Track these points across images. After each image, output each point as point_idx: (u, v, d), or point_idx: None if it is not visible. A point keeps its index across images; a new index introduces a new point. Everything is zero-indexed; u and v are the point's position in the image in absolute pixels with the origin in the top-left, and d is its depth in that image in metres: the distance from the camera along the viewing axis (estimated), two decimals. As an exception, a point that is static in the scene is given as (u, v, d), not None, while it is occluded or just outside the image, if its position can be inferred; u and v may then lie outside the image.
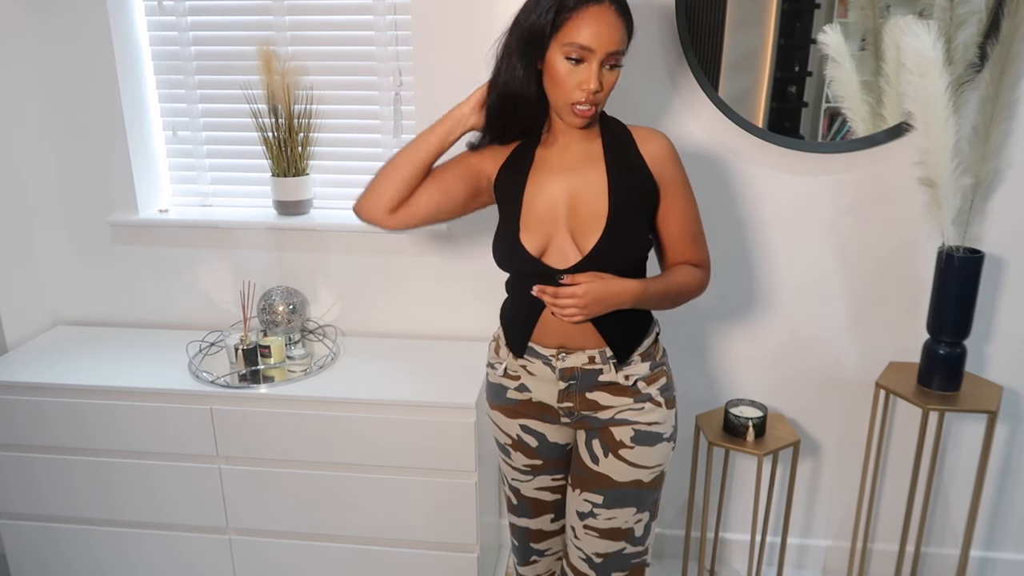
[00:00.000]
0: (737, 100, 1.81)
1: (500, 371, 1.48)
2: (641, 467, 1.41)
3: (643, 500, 1.44)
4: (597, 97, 1.29)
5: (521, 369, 1.44)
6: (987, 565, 2.13)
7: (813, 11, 1.75)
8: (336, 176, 2.12)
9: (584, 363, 1.39)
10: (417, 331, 2.12)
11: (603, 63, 1.27)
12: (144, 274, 2.17)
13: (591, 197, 1.35)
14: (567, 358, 1.39)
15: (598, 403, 1.41)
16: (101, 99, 2.01)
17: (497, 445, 1.58)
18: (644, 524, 1.46)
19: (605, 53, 1.25)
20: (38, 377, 1.88)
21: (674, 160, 1.39)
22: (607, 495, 1.42)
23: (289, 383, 1.85)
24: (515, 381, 1.46)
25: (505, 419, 1.50)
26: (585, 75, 1.26)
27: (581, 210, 1.35)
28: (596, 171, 1.37)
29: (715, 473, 2.06)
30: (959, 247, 1.69)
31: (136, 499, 1.92)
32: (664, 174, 1.38)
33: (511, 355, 1.45)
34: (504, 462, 1.57)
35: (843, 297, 1.95)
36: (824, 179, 1.86)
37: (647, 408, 1.40)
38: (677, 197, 1.39)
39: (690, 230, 1.43)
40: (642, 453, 1.41)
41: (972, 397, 1.75)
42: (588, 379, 1.40)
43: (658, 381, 1.42)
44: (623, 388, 1.40)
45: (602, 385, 1.40)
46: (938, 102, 1.53)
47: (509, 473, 1.57)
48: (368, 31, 1.98)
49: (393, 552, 1.89)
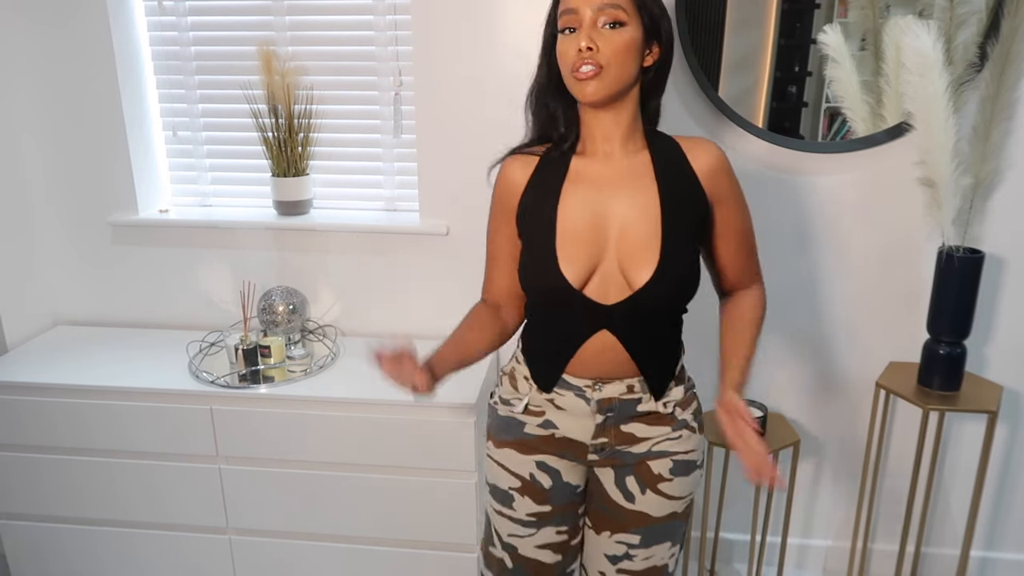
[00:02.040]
0: (737, 100, 1.81)
1: (520, 407, 1.32)
2: (677, 499, 1.32)
3: (677, 532, 1.35)
4: (596, 57, 1.14)
5: (547, 403, 1.30)
6: (987, 565, 2.13)
7: (813, 11, 1.75)
8: (336, 176, 2.12)
9: (622, 392, 1.26)
10: (417, 331, 2.12)
11: (597, 22, 1.15)
12: (144, 274, 2.17)
13: (641, 219, 1.20)
14: (603, 388, 1.26)
15: (634, 436, 1.29)
16: (101, 99, 2.01)
17: (494, 495, 1.38)
18: (676, 558, 1.38)
19: (591, 8, 1.15)
20: (38, 377, 1.88)
21: (728, 172, 1.26)
22: (644, 533, 1.32)
23: (289, 383, 1.85)
24: (538, 417, 1.31)
25: (518, 456, 1.33)
26: (578, 36, 1.16)
27: (630, 235, 1.20)
28: (645, 188, 1.22)
29: (715, 473, 2.06)
30: (959, 247, 1.69)
31: (136, 499, 1.92)
32: (718, 188, 1.25)
33: (535, 388, 1.31)
34: (500, 515, 1.37)
35: (843, 297, 1.95)
36: (824, 179, 1.86)
37: (684, 436, 1.30)
38: (733, 212, 1.27)
39: (747, 246, 1.31)
40: (679, 484, 1.31)
41: (972, 397, 1.75)
42: (626, 410, 1.27)
43: (691, 405, 1.33)
44: (661, 417, 1.29)
45: (639, 415, 1.28)
46: (938, 102, 1.53)
47: (506, 529, 1.37)
48: (368, 31, 1.98)
49: (393, 552, 1.89)
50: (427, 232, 2.01)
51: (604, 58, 1.15)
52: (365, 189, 2.12)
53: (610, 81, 1.17)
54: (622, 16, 1.16)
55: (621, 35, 1.16)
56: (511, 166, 1.30)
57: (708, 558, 2.15)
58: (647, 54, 1.22)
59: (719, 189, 1.25)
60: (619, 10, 1.15)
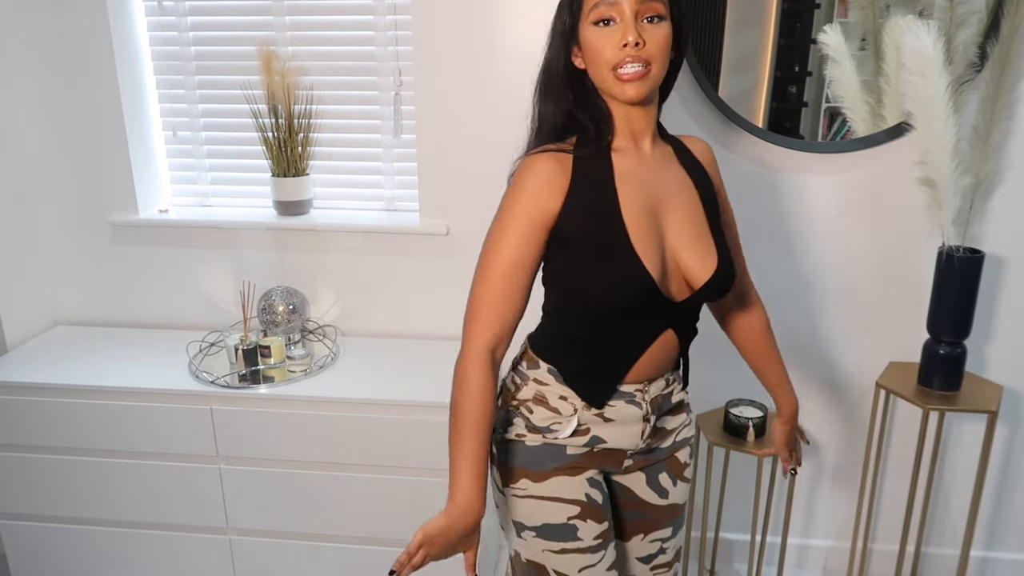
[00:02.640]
0: (737, 100, 1.81)
1: (567, 431, 1.20)
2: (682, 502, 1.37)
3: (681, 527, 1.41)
4: (643, 53, 1.08)
5: (595, 419, 1.20)
6: (987, 565, 2.13)
7: (813, 11, 1.75)
8: (336, 176, 2.12)
9: (663, 388, 1.24)
10: (417, 331, 2.12)
11: (639, 15, 1.09)
12: (144, 274, 2.17)
13: (691, 213, 1.18)
14: (649, 388, 1.21)
15: (665, 429, 1.28)
16: (101, 99, 2.01)
17: (548, 535, 1.21)
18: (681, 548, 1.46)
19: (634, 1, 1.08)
20: (38, 377, 1.88)
21: (717, 163, 1.31)
22: (674, 523, 1.35)
23: (289, 383, 1.85)
24: (583, 436, 1.21)
25: (569, 481, 1.21)
26: (620, 31, 1.08)
27: (685, 230, 1.16)
28: (681, 182, 1.19)
29: (715, 473, 2.06)
30: (959, 247, 1.69)
31: (136, 499, 1.92)
32: (716, 180, 1.28)
33: (582, 407, 1.20)
34: (564, 553, 1.20)
35: (843, 297, 1.95)
36: (824, 179, 1.86)
37: (691, 417, 1.35)
38: (726, 204, 1.31)
39: (737, 237, 1.35)
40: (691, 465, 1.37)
41: (972, 397, 1.75)
42: (665, 404, 1.26)
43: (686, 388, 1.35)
44: (682, 405, 1.31)
45: (672, 408, 1.29)
46: (938, 102, 1.53)
47: (576, 565, 1.20)
48: (368, 31, 1.98)
49: (393, 552, 1.87)
50: (427, 232, 2.01)
51: (649, 54, 1.09)
52: (365, 189, 2.12)
53: (653, 79, 1.11)
54: (662, 9, 1.10)
55: (663, 29, 1.10)
56: (547, 164, 1.13)
57: (708, 558, 2.15)
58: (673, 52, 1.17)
59: (716, 181, 1.29)
60: (661, 3, 1.10)
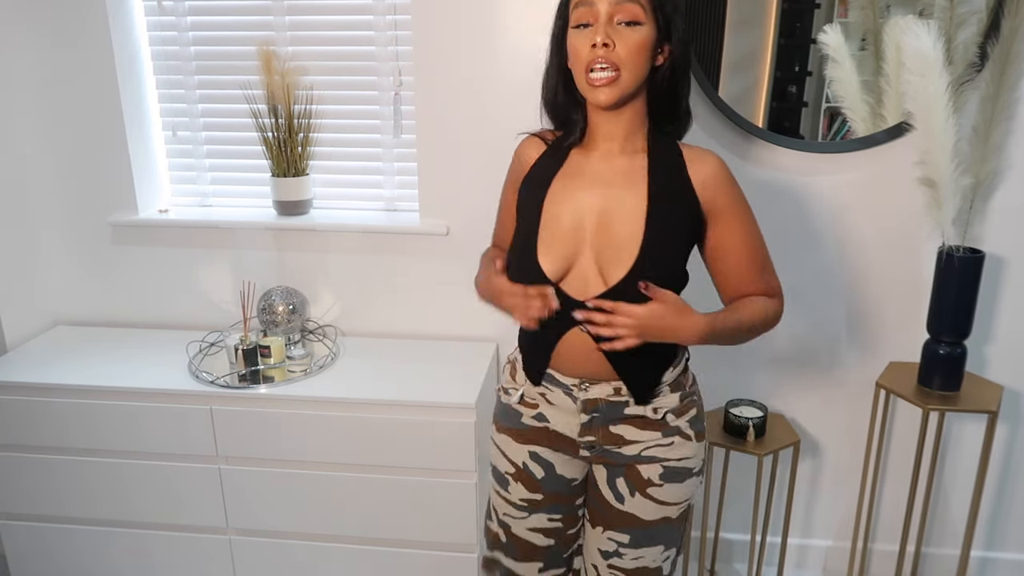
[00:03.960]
0: (737, 100, 1.81)
1: (516, 398, 1.35)
2: (670, 504, 1.32)
3: (671, 536, 1.35)
4: (612, 56, 1.13)
5: (540, 397, 1.32)
6: (987, 565, 2.13)
7: (813, 11, 1.75)
8: (336, 176, 2.12)
9: (609, 394, 1.26)
10: (417, 331, 2.12)
11: (613, 18, 1.13)
12: (144, 274, 2.17)
13: (625, 220, 1.19)
14: (590, 388, 1.27)
15: (623, 437, 1.28)
16: (101, 99, 2.01)
17: (494, 475, 1.42)
18: (671, 560, 1.38)
19: (609, 3, 1.12)
20: (38, 377, 1.88)
21: (728, 184, 1.22)
22: (634, 534, 1.32)
23: (289, 383, 1.85)
24: (533, 409, 1.34)
25: (514, 444, 1.36)
26: (593, 32, 1.13)
27: (612, 233, 1.20)
28: (636, 191, 1.21)
29: (715, 473, 2.06)
30: (959, 247, 1.69)
31: (136, 499, 1.92)
32: (715, 201, 1.21)
33: (529, 382, 1.33)
34: (497, 494, 1.41)
35: (843, 297, 1.95)
36: (824, 179, 1.86)
37: (676, 443, 1.29)
38: (733, 226, 1.23)
39: (754, 261, 1.26)
40: (671, 491, 1.30)
41: (972, 397, 1.75)
42: (613, 412, 1.27)
43: (688, 413, 1.31)
44: (651, 422, 1.28)
45: (628, 418, 1.28)
46: (938, 102, 1.53)
47: (501, 507, 1.40)
48: (368, 31, 1.98)
49: (393, 552, 1.89)
50: (427, 232, 2.01)
51: (619, 58, 1.14)
52: (365, 189, 2.12)
53: (624, 85, 1.16)
54: (639, 14, 1.14)
55: (638, 33, 1.14)
56: (526, 145, 1.35)
57: (708, 558, 2.15)
58: (659, 53, 1.19)
59: (717, 202, 1.22)
60: (637, 6, 1.13)
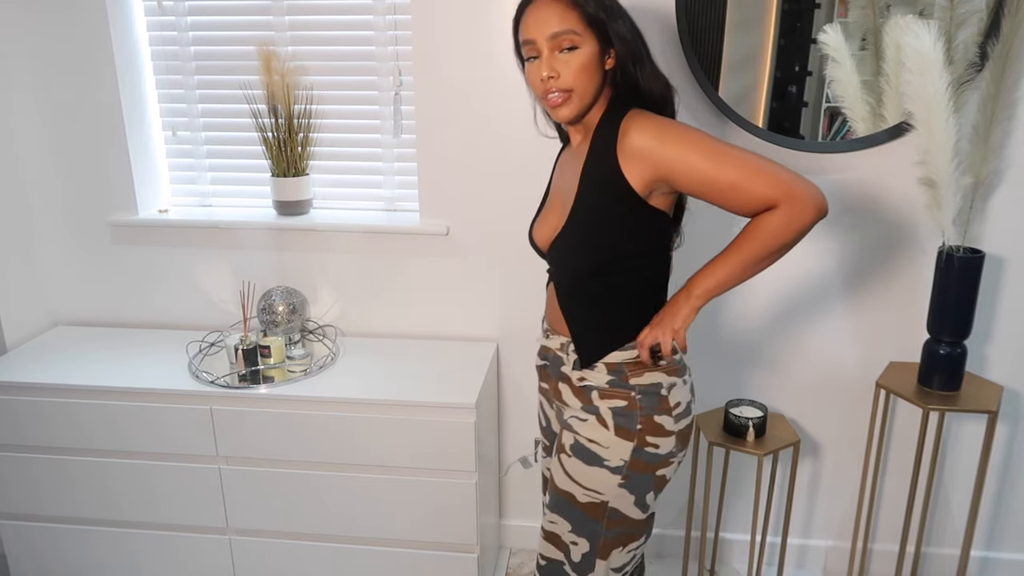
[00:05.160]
0: (737, 100, 1.81)
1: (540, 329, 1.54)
2: (575, 482, 1.33)
3: (578, 521, 1.34)
4: (558, 84, 1.24)
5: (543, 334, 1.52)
6: (987, 565, 2.13)
7: (813, 11, 1.75)
8: (336, 176, 2.12)
9: (558, 348, 1.39)
10: (417, 331, 2.12)
11: (554, 49, 1.23)
12: (144, 274, 2.17)
13: (567, 192, 1.33)
14: (551, 338, 1.43)
15: (561, 396, 1.39)
16: (101, 99, 2.01)
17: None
18: (583, 553, 1.35)
19: (545, 39, 1.23)
20: (38, 377, 1.88)
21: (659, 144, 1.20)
22: (550, 496, 1.40)
23: (289, 383, 1.85)
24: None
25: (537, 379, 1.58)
26: (539, 66, 1.25)
27: (555, 202, 1.38)
28: (577, 168, 1.31)
29: (715, 473, 2.06)
30: (959, 247, 1.69)
31: (136, 499, 1.92)
32: (647, 163, 1.21)
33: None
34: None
35: (843, 297, 1.95)
36: (824, 179, 1.86)
37: (591, 422, 1.32)
38: (687, 176, 1.20)
39: (735, 189, 1.19)
40: (576, 467, 1.33)
41: (972, 397, 1.74)
42: (556, 366, 1.40)
43: (613, 401, 1.31)
44: (578, 390, 1.35)
45: (564, 377, 1.38)
46: (938, 102, 1.53)
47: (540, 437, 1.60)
48: (368, 31, 1.98)
49: (393, 552, 1.89)
50: (427, 232, 2.01)
51: (567, 83, 1.24)
52: (365, 189, 2.12)
53: (578, 101, 1.26)
54: (575, 39, 1.23)
55: (578, 57, 1.24)
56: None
57: (708, 558, 2.15)
58: (607, 58, 1.27)
59: (649, 163, 1.21)
60: (571, 35, 1.22)
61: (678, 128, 1.22)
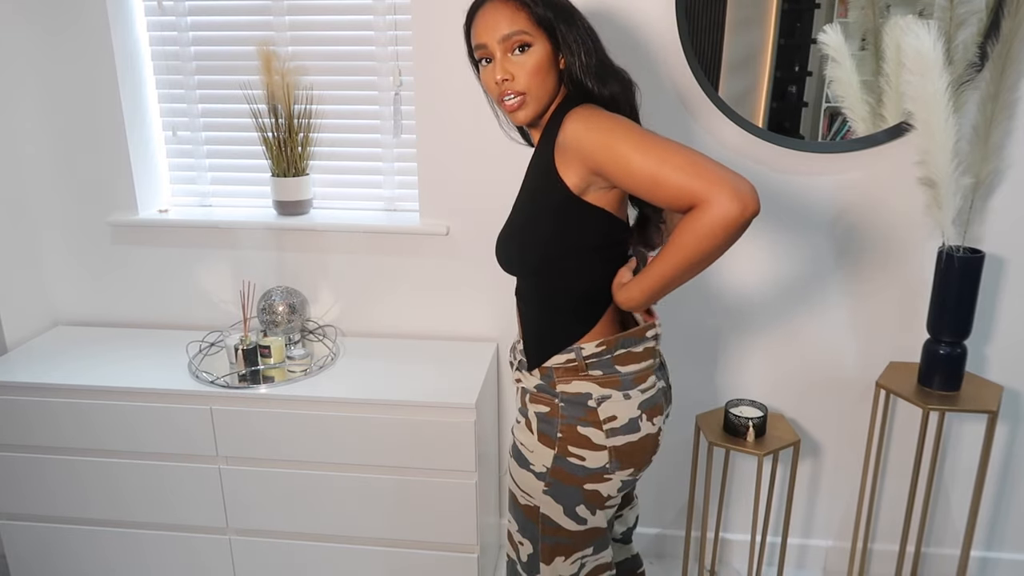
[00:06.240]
0: (737, 100, 1.81)
1: None
2: (515, 482, 1.35)
3: (521, 522, 1.35)
4: (512, 86, 1.22)
5: None
6: (987, 565, 2.13)
7: (813, 11, 1.75)
8: (336, 176, 2.12)
9: (518, 344, 1.39)
10: (417, 331, 2.12)
11: (507, 51, 1.22)
12: (144, 274, 2.17)
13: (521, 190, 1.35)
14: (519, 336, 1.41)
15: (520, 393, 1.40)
16: (101, 99, 2.01)
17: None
18: (528, 555, 1.35)
19: (496, 42, 1.21)
20: (38, 377, 1.88)
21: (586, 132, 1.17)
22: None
23: (289, 383, 1.85)
24: None
25: None
26: (492, 69, 1.24)
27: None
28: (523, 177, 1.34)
29: (715, 473, 2.06)
30: (959, 247, 1.69)
31: (136, 499, 1.92)
32: (580, 154, 1.17)
33: None
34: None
35: (843, 297, 1.95)
36: (824, 179, 1.86)
37: (522, 425, 1.34)
38: (614, 159, 1.14)
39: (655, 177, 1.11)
40: (513, 467, 1.36)
41: (972, 397, 1.74)
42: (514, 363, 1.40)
43: (539, 405, 1.29)
44: (521, 390, 1.36)
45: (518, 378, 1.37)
46: (938, 102, 1.53)
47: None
48: (368, 31, 1.98)
49: (393, 552, 1.89)
50: (427, 232, 2.01)
51: (522, 84, 1.22)
52: (365, 189, 2.12)
53: (534, 103, 1.24)
54: (527, 39, 1.21)
55: (531, 57, 1.22)
56: None
57: (708, 558, 2.15)
58: (560, 58, 1.24)
59: (577, 155, 1.17)
60: (523, 35, 1.21)
61: (611, 119, 1.18)
